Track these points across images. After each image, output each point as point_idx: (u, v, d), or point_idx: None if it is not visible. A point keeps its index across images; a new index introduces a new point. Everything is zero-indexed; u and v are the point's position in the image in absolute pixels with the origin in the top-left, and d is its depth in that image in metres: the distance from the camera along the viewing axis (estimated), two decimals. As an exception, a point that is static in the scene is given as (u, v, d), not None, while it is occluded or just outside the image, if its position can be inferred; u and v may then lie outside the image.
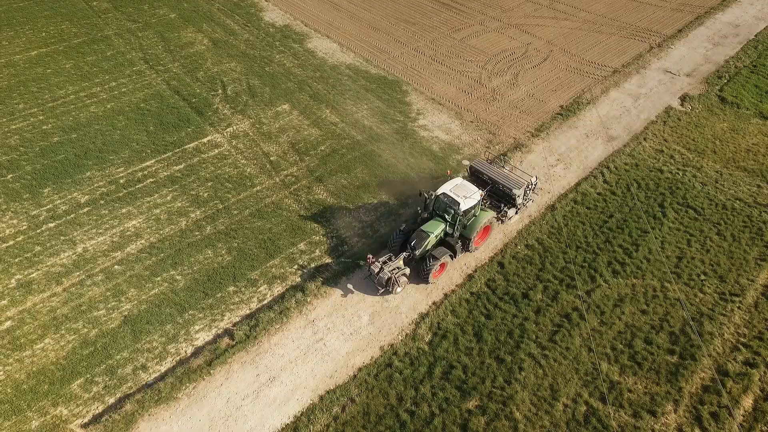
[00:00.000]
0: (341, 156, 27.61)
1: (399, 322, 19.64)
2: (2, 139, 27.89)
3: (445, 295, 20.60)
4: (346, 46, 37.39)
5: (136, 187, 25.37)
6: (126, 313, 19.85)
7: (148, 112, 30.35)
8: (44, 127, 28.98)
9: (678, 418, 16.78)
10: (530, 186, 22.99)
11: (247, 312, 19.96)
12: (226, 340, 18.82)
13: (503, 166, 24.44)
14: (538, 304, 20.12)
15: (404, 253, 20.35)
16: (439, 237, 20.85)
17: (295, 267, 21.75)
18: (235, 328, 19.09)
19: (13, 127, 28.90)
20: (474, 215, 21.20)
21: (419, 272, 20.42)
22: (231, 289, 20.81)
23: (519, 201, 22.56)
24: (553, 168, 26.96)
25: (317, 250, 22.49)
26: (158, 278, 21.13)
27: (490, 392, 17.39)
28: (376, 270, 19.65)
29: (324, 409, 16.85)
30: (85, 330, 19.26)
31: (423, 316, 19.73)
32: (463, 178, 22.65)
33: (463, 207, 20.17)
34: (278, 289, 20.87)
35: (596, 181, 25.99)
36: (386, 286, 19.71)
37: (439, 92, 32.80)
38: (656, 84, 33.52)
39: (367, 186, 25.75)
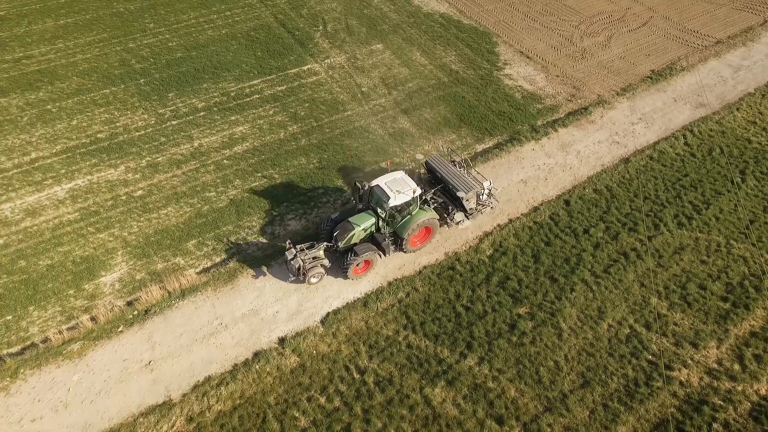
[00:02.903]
0: (426, 93, 29.45)
1: (465, 236, 21.66)
2: (137, 51, 32.25)
3: (510, 220, 22.28)
4: (441, -4, 38.58)
5: (244, 100, 28.76)
6: (232, 197, 23.35)
7: (256, 39, 33.61)
8: (170, 44, 33.06)
9: (719, 354, 17.72)
10: (483, 191, 20.95)
11: (333, 210, 22.80)
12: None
13: (462, 166, 21.95)
14: (598, 240, 21.31)
15: (325, 243, 19.32)
16: (368, 231, 19.61)
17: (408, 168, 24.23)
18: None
19: (145, 42, 33.20)
20: (409, 213, 19.66)
21: (341, 265, 19.34)
22: (320, 190, 23.71)
23: (469, 205, 20.60)
24: (633, 125, 27.28)
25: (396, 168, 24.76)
26: (259, 174, 24.44)
27: (540, 303, 19.14)
28: (290, 257, 18.63)
29: (391, 293, 19.42)
30: (199, 205, 22.98)
31: (487, 234, 21.62)
32: (421, 173, 22.46)
33: (393, 203, 18.81)
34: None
35: (677, 142, 26.10)
36: (297, 275, 18.78)
37: (528, 46, 33.45)
38: (763, 57, 32.08)
39: (449, 121, 27.53)
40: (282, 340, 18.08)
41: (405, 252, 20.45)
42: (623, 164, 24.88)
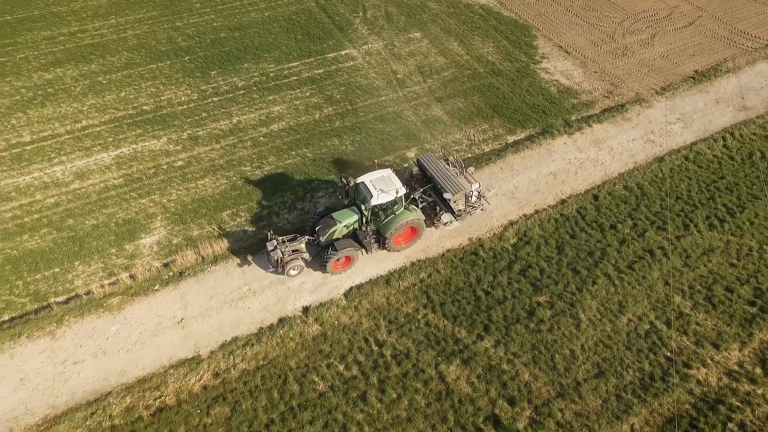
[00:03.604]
0: (461, 83, 29.64)
1: (489, 223, 21.94)
2: (183, 30, 33.52)
3: (536, 211, 22.41)
4: (483, -13, 38.46)
5: (282, 81, 29.60)
6: (267, 172, 24.25)
7: (297, 23, 34.41)
8: (214, 24, 34.20)
9: (741, 356, 17.54)
10: (472, 193, 20.54)
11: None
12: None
13: (455, 165, 21.64)
14: (624, 237, 21.24)
15: (307, 237, 19.56)
16: (351, 228, 19.58)
17: (405, 165, 24.70)
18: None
19: (191, 21, 34.43)
20: (393, 213, 19.47)
21: (321, 259, 19.42)
22: (351, 171, 24.34)
23: (457, 207, 20.22)
24: (671, 125, 26.82)
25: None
26: (293, 152, 25.26)
27: (560, 293, 19.31)
28: (270, 248, 18.87)
29: (413, 272, 19.94)
30: (235, 178, 23.97)
31: (512, 223, 21.83)
32: (412, 171, 22.20)
33: (375, 201, 18.69)
34: (389, 179, 24.02)
35: (715, 144, 25.55)
36: (276, 267, 19.07)
37: (568, 41, 33.12)
38: (814, 63, 30.87)
39: (481, 111, 27.69)
40: (306, 309, 18.87)
41: (388, 251, 20.16)
42: (657, 163, 24.57)
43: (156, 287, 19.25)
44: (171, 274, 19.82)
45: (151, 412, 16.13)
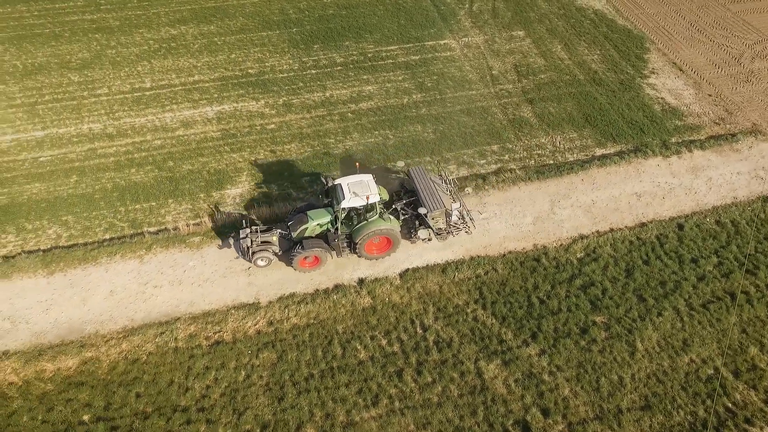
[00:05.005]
0: (557, 88, 28.70)
1: (559, 233, 21.38)
2: (296, 2, 35.36)
3: (611, 229, 21.44)
4: (600, -9, 36.60)
5: (378, 62, 30.41)
6: (347, 147, 25.29)
7: (403, 8, 34.97)
8: (324, 0, 35.70)
9: (816, 426, 15.87)
10: (452, 213, 19.85)
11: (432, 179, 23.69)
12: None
13: (447, 182, 21.16)
14: (705, 273, 19.76)
15: (279, 230, 19.51)
16: (324, 228, 19.41)
17: (483, 161, 24.61)
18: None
19: (305, -5, 36.20)
20: (365, 219, 19.04)
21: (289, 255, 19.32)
22: (427, 158, 24.71)
23: (437, 224, 19.66)
24: (787, 164, 24.24)
25: (506, 155, 24.90)
26: (376, 132, 26.07)
27: (620, 317, 18.49)
28: (242, 235, 19.05)
29: (470, 267, 20.03)
30: (318, 148, 25.26)
31: (582, 237, 21.11)
32: (402, 181, 21.51)
33: (345, 204, 18.39)
34: (464, 172, 24.10)
35: (837, 192, 22.77)
36: (244, 255, 19.33)
37: (685, 58, 30.75)
38: None
39: (573, 119, 26.71)
40: (361, 281, 19.70)
41: (359, 257, 19.76)
42: (761, 202, 22.40)
43: (232, 235, 20.97)
44: (253, 222, 21.44)
45: (210, 343, 17.85)
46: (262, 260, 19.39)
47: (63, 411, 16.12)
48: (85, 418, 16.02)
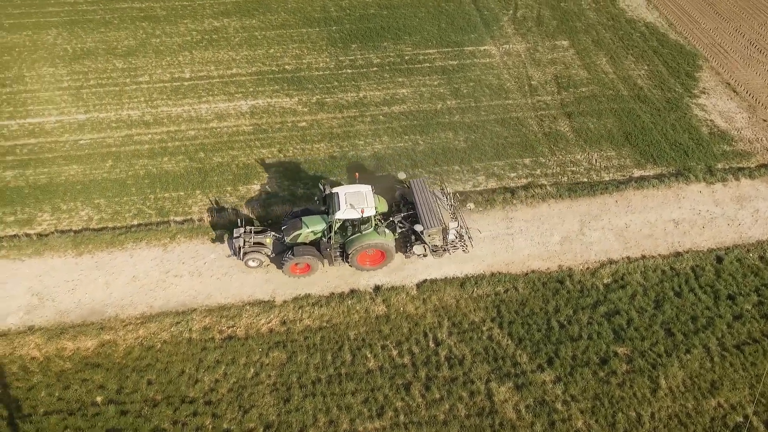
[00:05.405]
0: (598, 102, 27.62)
1: (587, 255, 20.55)
2: (338, 1, 35.32)
3: (643, 256, 20.45)
4: (653, 3, 35.04)
5: (415, 65, 30.04)
6: (376, 150, 25.08)
7: (445, 11, 34.43)
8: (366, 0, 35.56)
9: None
10: (449, 231, 19.24)
11: (460, 189, 23.21)
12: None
13: (447, 197, 20.42)
14: (742, 312, 18.57)
15: (273, 233, 19.46)
16: (318, 235, 19.20)
17: (514, 174, 23.92)
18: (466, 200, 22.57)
19: (347, -7, 36.16)
20: (359, 231, 18.77)
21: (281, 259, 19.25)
22: (456, 167, 24.23)
23: (433, 242, 19.12)
24: (844, 201, 22.52)
25: (538, 170, 24.13)
26: (407, 136, 25.74)
27: (644, 351, 17.59)
28: (236, 234, 19.08)
29: (490, 283, 19.50)
30: (347, 149, 25.13)
31: (611, 262, 20.21)
32: (403, 193, 20.73)
33: (340, 215, 18.14)
34: (492, 184, 23.50)
35: None
36: (236, 254, 19.24)
37: (740, 79, 29.05)
38: None
39: (612, 137, 25.64)
40: (377, 288, 19.47)
41: (351, 266, 19.46)
42: (811, 240, 20.91)
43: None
44: (270, 221, 21.59)
45: (222, 337, 18.03)
46: (253, 261, 19.39)
47: (78, 390, 16.60)
48: (98, 399, 16.45)
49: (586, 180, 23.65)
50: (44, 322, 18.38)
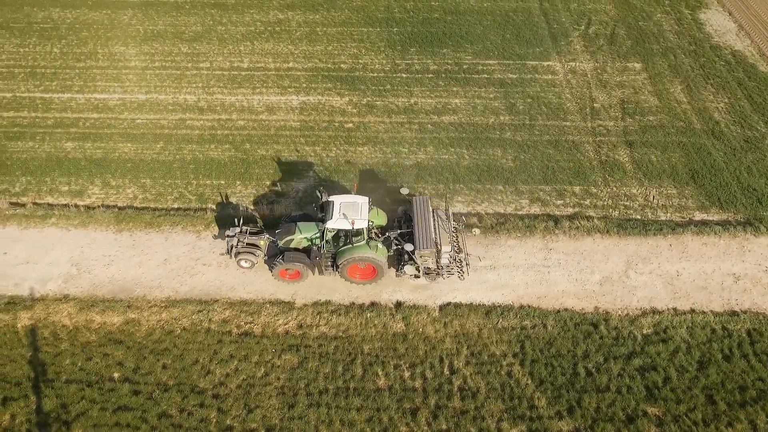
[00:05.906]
0: (665, 134, 25.57)
1: (628, 300, 19.03)
2: (402, 2, 34.80)
3: (693, 310, 18.65)
4: (746, 30, 32.03)
5: (472, 76, 29.05)
6: (419, 159, 24.46)
7: (512, 21, 33.09)
8: (432, 3, 34.77)
9: None
10: (442, 255, 18.33)
11: (500, 211, 22.19)
12: (473, 221, 21.59)
13: (448, 217, 19.53)
14: (801, 389, 16.53)
15: (267, 236, 19.33)
16: (311, 241, 18.89)
17: (560, 202, 22.58)
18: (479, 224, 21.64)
19: (414, -5, 35.54)
20: (350, 243, 18.24)
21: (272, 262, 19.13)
22: (500, 187, 23.19)
23: (426, 263, 18.34)
24: None
25: (587, 200, 22.65)
26: (452, 149, 24.93)
27: (678, 415, 16.02)
28: (231, 233, 19.13)
29: (517, 315, 18.46)
30: (390, 156, 24.67)
31: (655, 311, 18.59)
32: (407, 209, 20.02)
33: (331, 225, 17.94)
34: (535, 209, 22.29)
35: None
36: (228, 253, 19.19)
37: (836, 123, 25.96)
38: None
39: (676, 173, 23.65)
40: (398, 305, 18.94)
41: (341, 277, 19.09)
42: None
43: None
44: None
45: (239, 332, 18.15)
46: (245, 262, 19.34)
47: (99, 364, 17.25)
48: (116, 375, 17.01)
49: (639, 217, 21.92)
50: (79, 292, 19.24)
